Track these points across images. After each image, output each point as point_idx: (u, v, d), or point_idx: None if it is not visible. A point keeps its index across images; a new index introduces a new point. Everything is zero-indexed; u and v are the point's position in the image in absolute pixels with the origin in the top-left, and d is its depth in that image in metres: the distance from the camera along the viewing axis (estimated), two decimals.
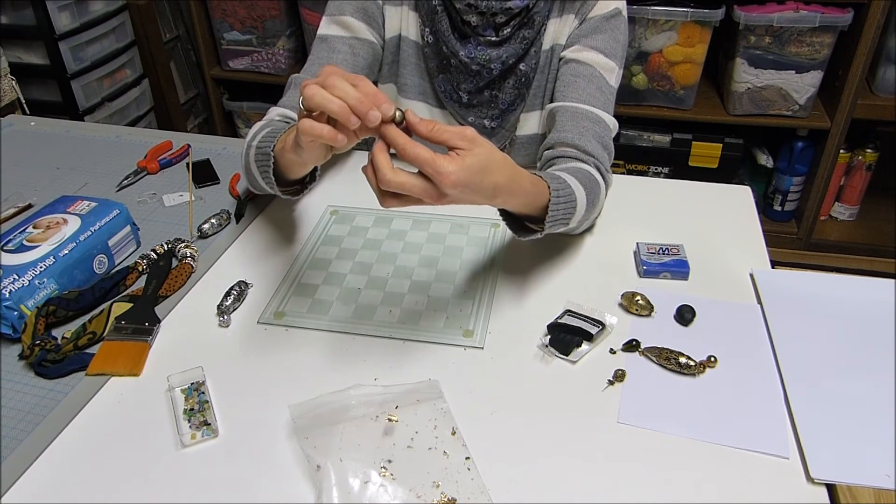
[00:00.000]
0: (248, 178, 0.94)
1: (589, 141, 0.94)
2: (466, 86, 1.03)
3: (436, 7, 1.00)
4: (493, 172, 0.68)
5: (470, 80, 1.03)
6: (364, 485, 0.63)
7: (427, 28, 1.03)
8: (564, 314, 0.82)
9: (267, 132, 0.88)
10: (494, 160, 0.68)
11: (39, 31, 1.89)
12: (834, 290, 0.87)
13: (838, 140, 2.01)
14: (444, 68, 1.04)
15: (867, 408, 0.71)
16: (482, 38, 0.99)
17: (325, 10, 1.05)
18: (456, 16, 0.99)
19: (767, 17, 1.87)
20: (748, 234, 0.99)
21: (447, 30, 1.00)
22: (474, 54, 0.99)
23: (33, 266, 0.82)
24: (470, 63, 1.00)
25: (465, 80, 1.03)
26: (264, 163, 0.84)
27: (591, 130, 0.96)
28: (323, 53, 1.04)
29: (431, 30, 1.02)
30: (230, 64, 2.37)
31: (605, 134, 0.97)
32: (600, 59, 1.00)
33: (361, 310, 0.85)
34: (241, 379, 0.76)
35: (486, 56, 0.99)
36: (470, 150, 0.66)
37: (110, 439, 0.69)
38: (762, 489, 0.64)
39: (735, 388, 0.74)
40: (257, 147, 0.87)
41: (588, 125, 0.96)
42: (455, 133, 0.66)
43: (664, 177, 2.18)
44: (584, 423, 0.70)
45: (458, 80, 1.03)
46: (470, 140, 0.66)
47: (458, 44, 1.00)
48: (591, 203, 0.87)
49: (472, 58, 1.00)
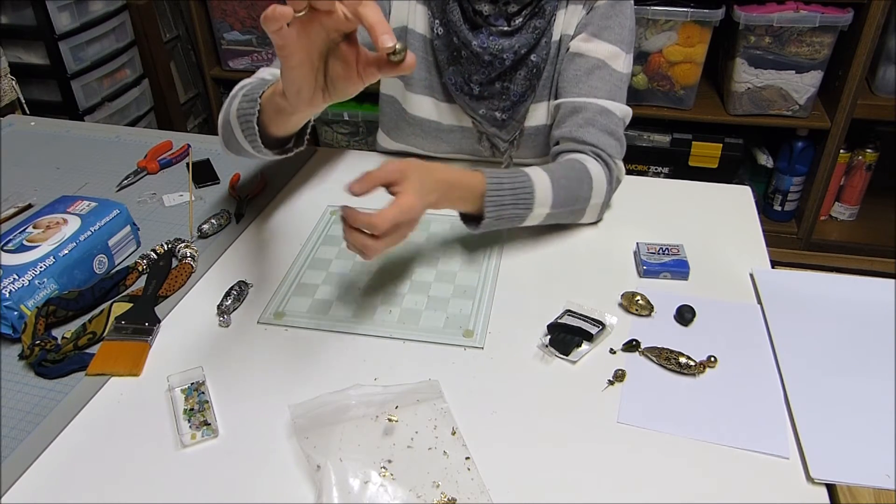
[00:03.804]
0: (224, 134, 0.91)
1: (587, 131, 0.97)
2: (478, 77, 1.03)
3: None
4: (427, 195, 0.79)
5: (482, 71, 1.02)
6: (364, 485, 0.63)
7: (437, 20, 1.03)
8: (564, 314, 0.82)
9: (255, 84, 0.87)
10: (424, 184, 0.79)
11: (39, 31, 1.89)
12: (834, 290, 0.87)
13: (838, 140, 2.01)
14: (455, 60, 1.04)
15: (867, 408, 0.71)
16: (494, 27, 0.99)
17: None
18: (468, 5, 0.99)
19: (767, 17, 1.87)
20: (748, 234, 0.99)
21: (459, 20, 0.99)
22: (487, 44, 0.99)
23: (33, 266, 0.82)
24: (482, 53, 1.00)
25: (477, 70, 1.02)
26: (248, 110, 0.81)
27: (592, 121, 0.97)
28: None
29: (442, 21, 1.02)
30: (230, 64, 2.37)
31: (610, 122, 0.98)
32: (605, 48, 1.00)
33: (361, 310, 0.85)
34: (241, 379, 0.76)
35: (498, 46, 0.99)
36: (401, 188, 0.76)
37: (110, 439, 0.69)
38: (762, 489, 0.64)
39: (735, 388, 0.74)
40: (244, 95, 0.84)
41: (588, 116, 0.98)
42: (383, 174, 0.76)
43: (664, 177, 2.18)
44: (584, 423, 0.70)
45: (469, 71, 1.03)
46: (400, 172, 0.77)
47: (470, 34, 1.00)
48: (568, 189, 0.92)
49: (485, 48, 0.99)
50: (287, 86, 0.68)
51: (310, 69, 0.66)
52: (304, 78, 0.67)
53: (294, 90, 0.68)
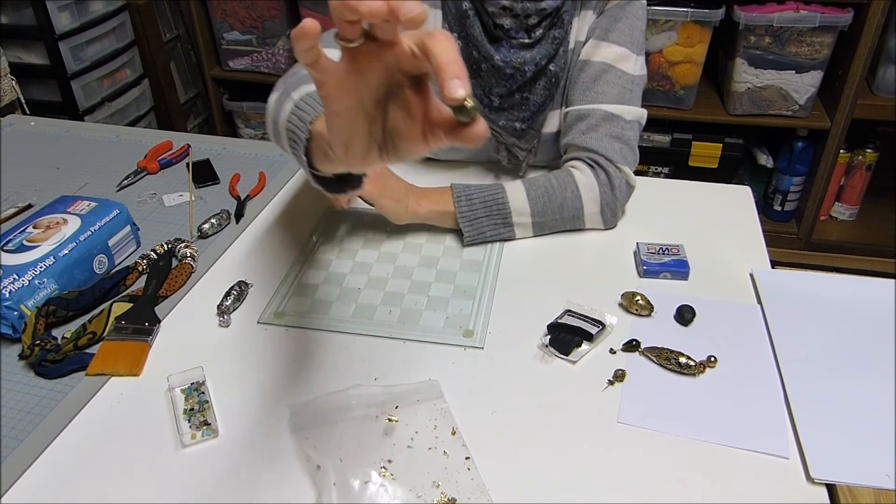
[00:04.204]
0: (271, 131, 0.75)
1: (590, 137, 0.96)
2: (499, 90, 1.02)
3: (466, 11, 0.97)
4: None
5: (503, 84, 1.01)
6: (364, 485, 0.63)
7: (455, 33, 1.01)
8: (564, 314, 0.82)
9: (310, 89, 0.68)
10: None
11: (39, 31, 1.89)
12: (834, 290, 0.87)
13: (838, 140, 2.01)
14: (475, 73, 1.02)
15: (867, 408, 0.71)
16: (514, 40, 0.98)
17: None
18: (488, 19, 0.97)
19: (767, 17, 1.87)
20: (748, 234, 0.99)
21: (480, 34, 0.98)
22: (509, 58, 0.98)
23: (33, 266, 0.82)
24: (504, 67, 0.98)
25: (498, 84, 1.01)
26: (297, 129, 0.62)
27: (595, 127, 0.97)
28: None
29: (460, 35, 1.00)
30: (230, 64, 2.37)
31: (615, 126, 0.97)
32: (612, 51, 0.98)
33: (361, 310, 0.85)
34: (241, 379, 0.76)
35: (520, 59, 0.98)
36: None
37: (110, 439, 0.69)
38: (762, 489, 0.64)
39: (735, 388, 0.74)
40: (296, 105, 0.65)
41: (592, 122, 0.97)
42: None
43: (664, 177, 2.18)
44: (584, 423, 0.70)
45: (489, 84, 1.02)
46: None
47: (492, 48, 0.98)
48: (548, 196, 0.95)
49: (507, 61, 0.98)
50: (332, 136, 0.51)
51: (362, 119, 0.48)
52: (353, 129, 0.49)
53: (341, 142, 0.50)
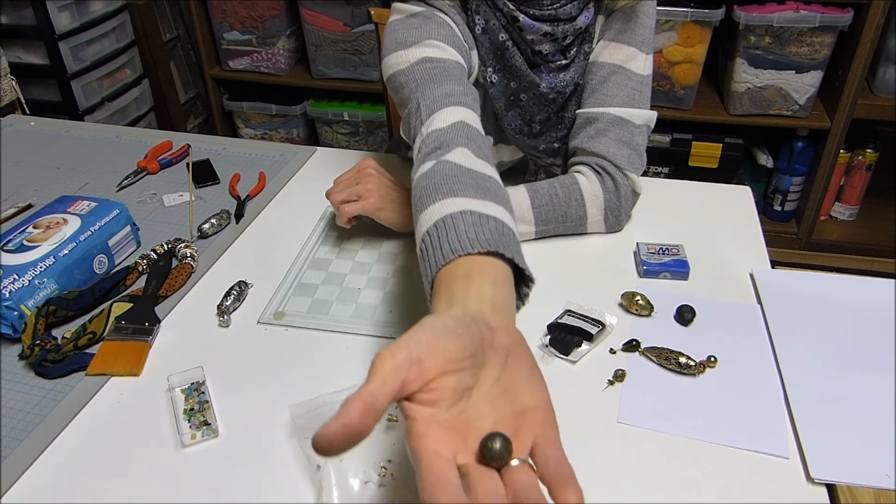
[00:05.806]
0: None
1: (598, 142, 0.95)
2: (540, 116, 1.01)
3: (504, 43, 0.95)
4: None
5: (544, 110, 1.00)
6: (364, 485, 0.63)
7: (489, 68, 0.98)
8: (564, 314, 0.82)
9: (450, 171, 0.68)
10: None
11: (39, 31, 1.89)
12: (834, 290, 0.87)
13: (838, 140, 2.01)
14: (514, 104, 1.00)
15: (867, 408, 0.71)
16: (552, 63, 0.97)
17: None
18: (526, 47, 0.95)
19: (767, 17, 1.87)
20: (748, 234, 0.99)
21: (522, 64, 0.96)
22: (553, 83, 0.97)
23: (33, 266, 0.82)
24: (549, 93, 0.97)
25: (540, 110, 1.00)
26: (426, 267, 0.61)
27: (604, 131, 0.95)
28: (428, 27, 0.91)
29: (496, 68, 0.98)
30: (230, 64, 2.37)
31: (624, 131, 0.96)
32: (622, 51, 0.97)
33: (361, 310, 0.85)
34: (241, 379, 0.76)
35: (562, 82, 0.97)
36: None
37: (110, 439, 0.69)
38: (762, 489, 0.64)
39: (735, 388, 0.74)
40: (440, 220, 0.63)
41: (600, 127, 0.96)
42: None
43: (664, 177, 2.19)
44: (584, 423, 0.70)
45: (531, 112, 1.00)
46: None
47: (536, 76, 0.97)
48: (552, 205, 0.93)
49: (553, 87, 0.97)
50: None
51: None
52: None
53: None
